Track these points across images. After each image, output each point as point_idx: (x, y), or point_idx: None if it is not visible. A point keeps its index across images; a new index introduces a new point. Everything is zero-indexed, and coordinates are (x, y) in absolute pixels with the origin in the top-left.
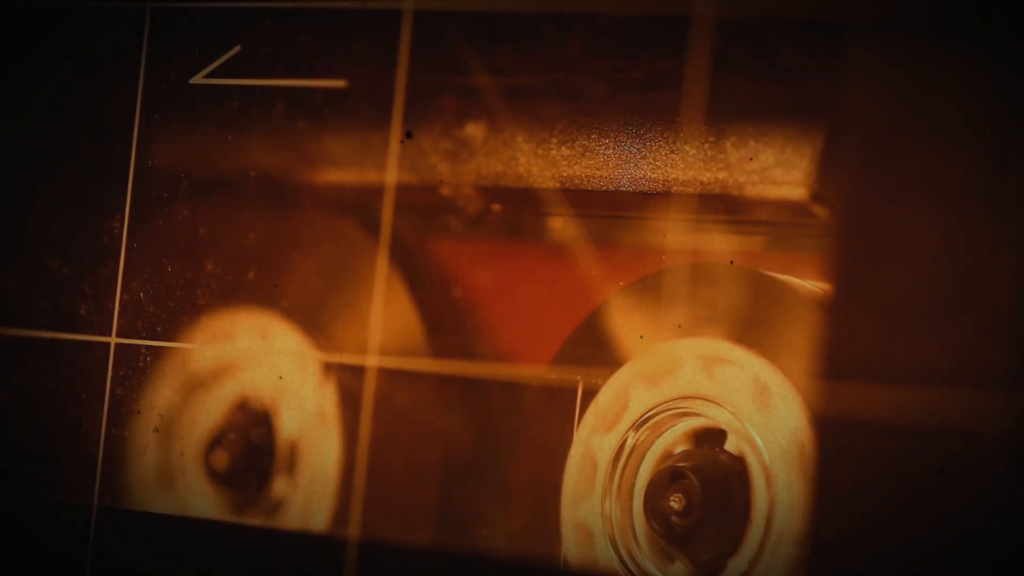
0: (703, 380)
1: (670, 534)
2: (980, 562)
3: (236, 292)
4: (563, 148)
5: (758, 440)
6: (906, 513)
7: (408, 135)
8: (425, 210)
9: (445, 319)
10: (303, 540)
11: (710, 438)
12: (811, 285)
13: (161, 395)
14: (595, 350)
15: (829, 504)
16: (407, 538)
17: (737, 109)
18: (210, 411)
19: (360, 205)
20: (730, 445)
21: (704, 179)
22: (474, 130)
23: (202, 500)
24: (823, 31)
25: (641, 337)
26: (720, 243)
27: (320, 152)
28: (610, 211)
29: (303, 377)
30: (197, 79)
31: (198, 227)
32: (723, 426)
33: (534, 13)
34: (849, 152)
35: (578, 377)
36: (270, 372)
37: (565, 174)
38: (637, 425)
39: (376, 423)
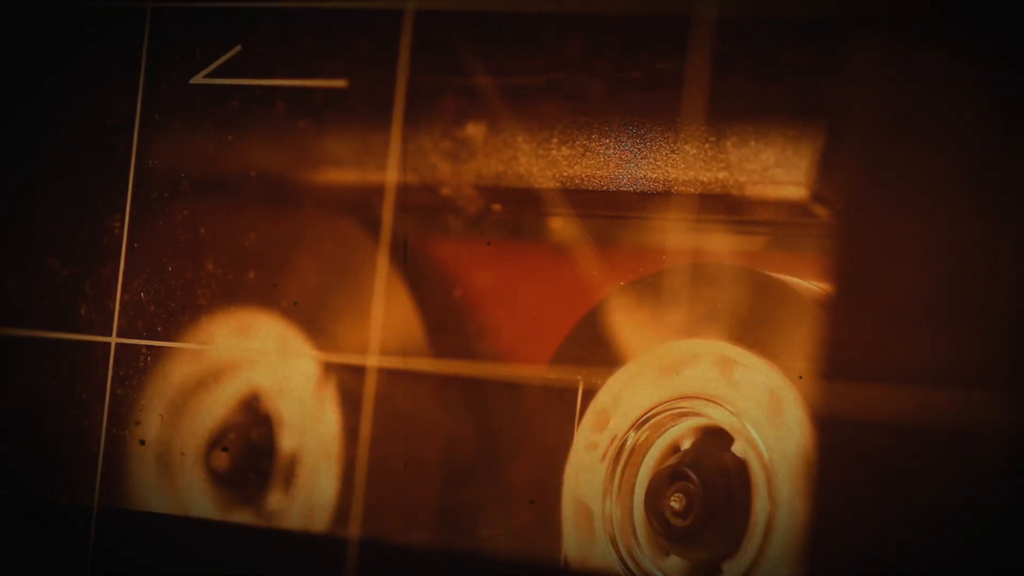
0: (717, 380)
1: (670, 533)
2: (980, 562)
3: (237, 292)
4: (563, 148)
5: (759, 441)
6: (906, 513)
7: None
8: (425, 210)
9: (445, 319)
10: (303, 540)
11: (715, 439)
12: (811, 285)
13: (161, 395)
14: (595, 350)
15: (829, 504)
16: (407, 538)
17: (737, 109)
18: (211, 411)
19: (360, 205)
20: (736, 448)
21: (704, 179)
22: (474, 130)
23: (202, 500)
24: (823, 31)
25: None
26: (720, 243)
27: (320, 152)
28: (610, 211)
29: (303, 377)
30: (197, 79)
31: (198, 227)
32: (727, 428)
33: (534, 13)
34: (849, 152)
35: (578, 377)
36: (271, 372)
37: (565, 174)
38: (638, 424)
39: (376, 423)
